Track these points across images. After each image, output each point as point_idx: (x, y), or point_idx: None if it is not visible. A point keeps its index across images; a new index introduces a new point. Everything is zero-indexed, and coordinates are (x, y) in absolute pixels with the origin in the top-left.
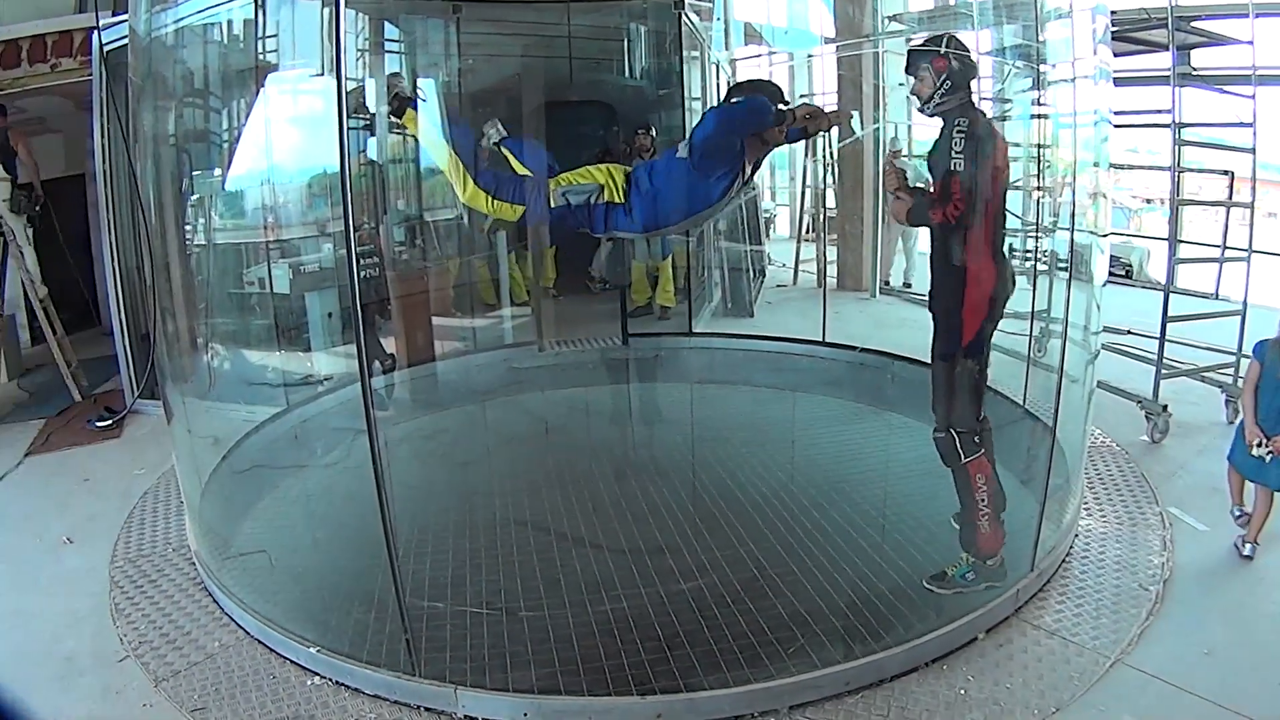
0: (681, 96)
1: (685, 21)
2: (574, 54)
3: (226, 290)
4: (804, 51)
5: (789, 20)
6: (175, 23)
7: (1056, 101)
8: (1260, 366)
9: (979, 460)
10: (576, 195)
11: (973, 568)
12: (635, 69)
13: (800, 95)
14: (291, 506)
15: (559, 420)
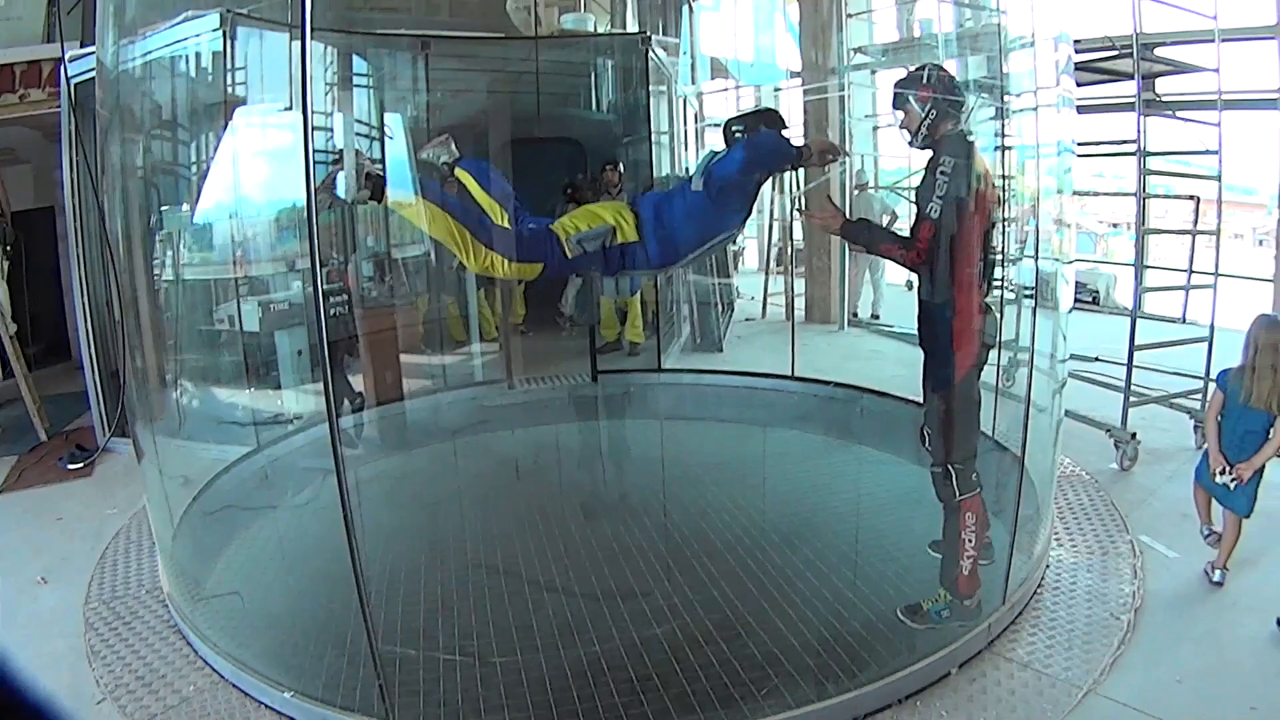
0: (648, 131)
1: (652, 57)
2: (541, 89)
3: (196, 327)
4: (770, 85)
5: (755, 54)
6: (143, 55)
7: (1021, 131)
8: (1223, 395)
9: (974, 499)
10: (592, 241)
11: (949, 605)
12: (602, 104)
13: None
14: (263, 548)
15: (529, 459)
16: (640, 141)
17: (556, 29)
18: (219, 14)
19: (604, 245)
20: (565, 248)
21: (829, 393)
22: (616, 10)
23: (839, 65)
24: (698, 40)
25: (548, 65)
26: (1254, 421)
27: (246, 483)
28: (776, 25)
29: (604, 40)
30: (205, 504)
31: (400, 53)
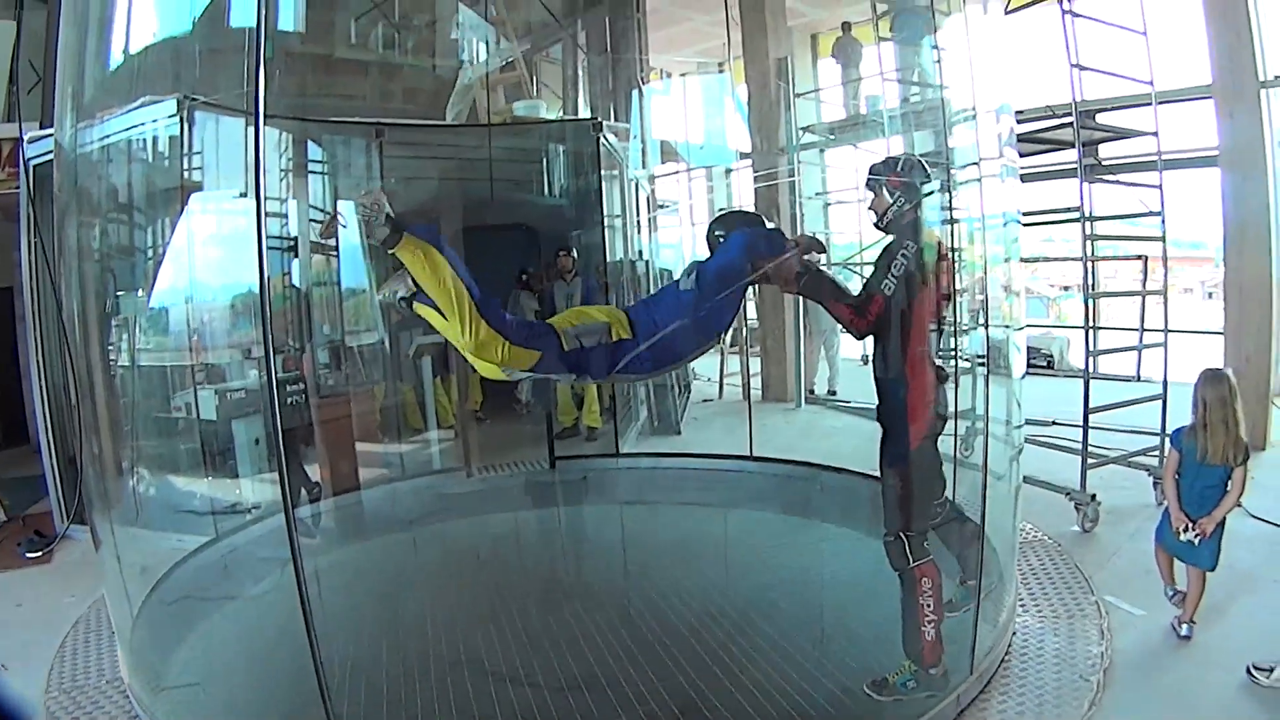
0: (601, 216)
1: (603, 142)
2: (494, 176)
3: (152, 414)
4: (721, 167)
5: (705, 137)
6: (101, 139)
7: (967, 204)
8: (1179, 454)
9: (927, 565)
10: (589, 336)
11: (914, 675)
12: (555, 189)
13: (719, 208)
14: (223, 638)
15: (488, 547)
16: (593, 226)
17: (509, 116)
18: (176, 99)
19: (599, 342)
20: (563, 339)
21: (787, 471)
22: (568, 96)
23: (788, 145)
24: (648, 124)
25: (500, 152)
26: (1211, 476)
27: (205, 572)
28: (726, 107)
29: (556, 126)
30: (164, 594)
31: (354, 139)
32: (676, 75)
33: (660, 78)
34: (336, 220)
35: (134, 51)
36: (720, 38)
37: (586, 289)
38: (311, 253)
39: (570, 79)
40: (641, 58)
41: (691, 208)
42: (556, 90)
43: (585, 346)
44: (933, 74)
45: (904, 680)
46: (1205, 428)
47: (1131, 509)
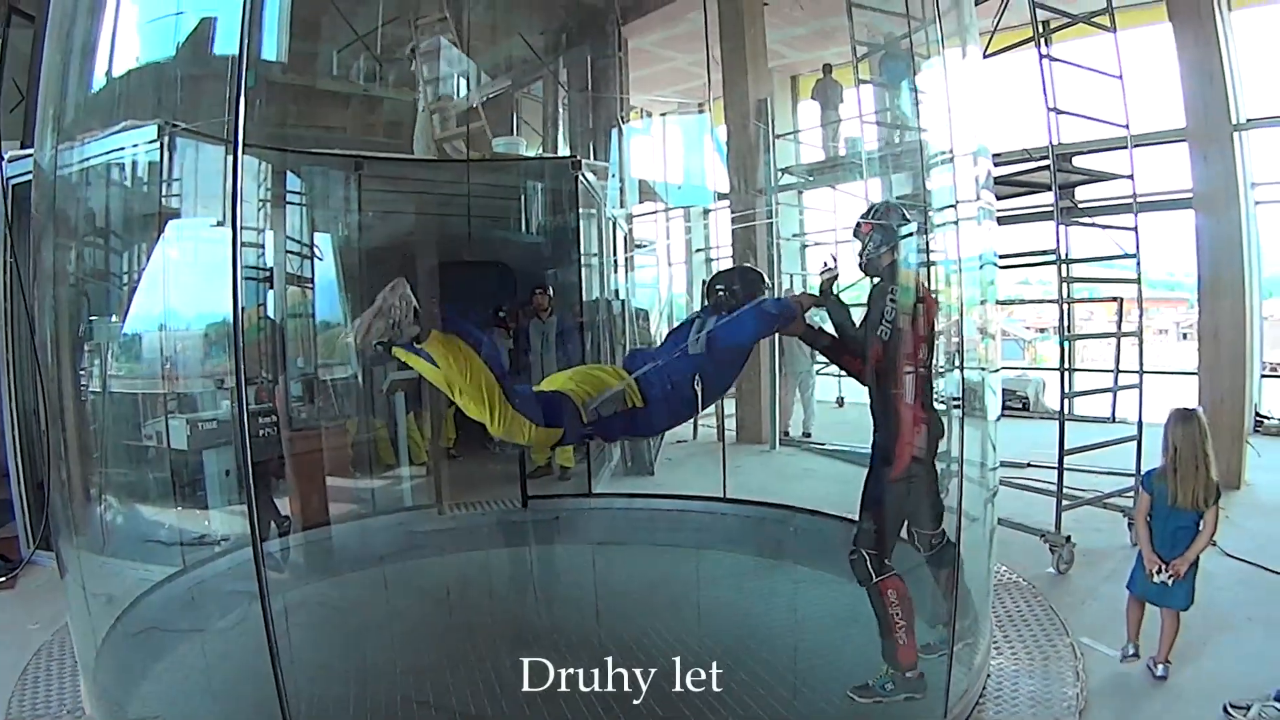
0: (578, 254)
1: (582, 180)
2: (472, 212)
3: (123, 441)
4: (700, 207)
5: (684, 177)
6: (81, 161)
7: (944, 245)
8: (1150, 496)
9: (890, 579)
10: (607, 407)
11: (892, 678)
12: (532, 227)
13: (697, 249)
14: (188, 672)
15: (459, 586)
16: (570, 265)
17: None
18: (157, 125)
19: (616, 411)
20: (582, 412)
21: (761, 513)
22: (547, 134)
23: (767, 186)
24: (627, 163)
25: (478, 188)
26: (1183, 518)
27: (172, 604)
28: (705, 147)
29: (534, 164)
30: (129, 624)
31: (333, 171)
32: (656, 115)
33: (640, 117)
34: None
35: (117, 75)
36: (701, 78)
37: (562, 328)
38: (287, 284)
39: (550, 116)
40: (622, 96)
41: (669, 248)
42: (536, 127)
43: (603, 416)
44: (912, 117)
45: (883, 683)
46: (1175, 470)
47: (1107, 550)
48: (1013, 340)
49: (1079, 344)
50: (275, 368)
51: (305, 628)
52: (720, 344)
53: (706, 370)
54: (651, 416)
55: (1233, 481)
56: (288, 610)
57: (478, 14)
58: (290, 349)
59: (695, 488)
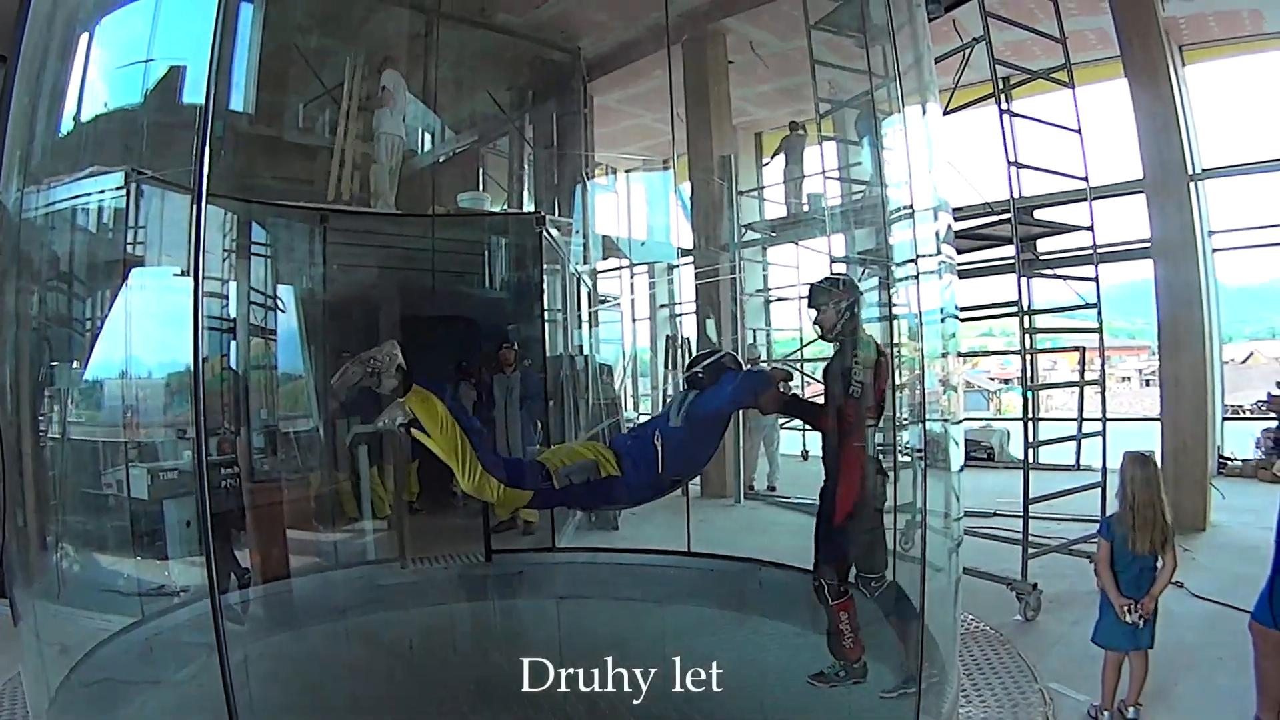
0: (541, 309)
1: (546, 236)
2: (436, 267)
3: (82, 489)
4: (663, 263)
5: (648, 233)
6: (46, 205)
7: (907, 299)
8: (1110, 543)
9: (844, 602)
10: (579, 474)
11: (843, 667)
12: (496, 282)
13: (660, 305)
14: None
15: (421, 641)
16: (533, 319)
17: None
18: (124, 172)
19: (589, 479)
20: (554, 479)
21: (725, 567)
22: (512, 190)
23: (730, 242)
24: (591, 219)
25: (443, 243)
26: (1145, 560)
27: (128, 655)
28: (669, 203)
29: (499, 219)
30: (84, 675)
31: (298, 224)
32: (621, 171)
33: (605, 173)
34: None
35: (85, 119)
36: (665, 135)
37: (526, 383)
38: (250, 335)
39: (515, 172)
40: (587, 153)
41: (633, 303)
42: (501, 182)
43: (575, 483)
44: (874, 172)
45: (835, 670)
46: (1133, 514)
47: (1073, 596)
48: (977, 391)
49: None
50: (237, 418)
51: (265, 680)
52: (700, 412)
53: (685, 440)
54: (628, 486)
55: (1198, 523)
56: (247, 662)
57: (444, 70)
58: (253, 400)
59: (659, 541)
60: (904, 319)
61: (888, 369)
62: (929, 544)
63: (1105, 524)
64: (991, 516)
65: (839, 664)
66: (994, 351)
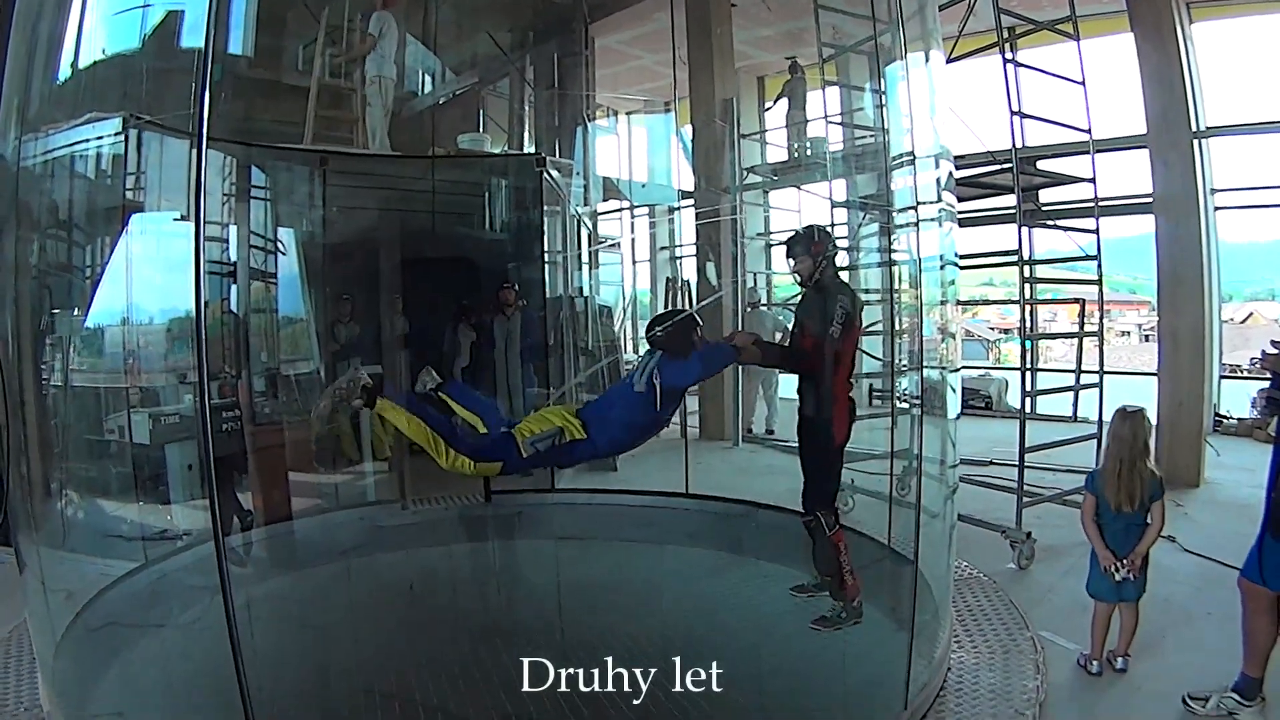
0: (542, 251)
1: (546, 177)
2: (436, 208)
3: (84, 436)
4: (664, 206)
5: (649, 175)
6: (45, 153)
7: (908, 245)
8: (1094, 497)
9: (839, 532)
10: (544, 442)
11: (844, 609)
12: (496, 224)
13: (661, 247)
14: (149, 668)
15: (422, 581)
16: (533, 261)
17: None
18: (122, 118)
19: (554, 444)
20: (521, 449)
21: (723, 509)
22: (513, 131)
23: (731, 185)
24: (592, 161)
25: (443, 184)
26: (1133, 514)
27: (133, 599)
28: (670, 146)
29: (499, 160)
30: (89, 620)
31: (298, 166)
32: (622, 113)
33: (606, 115)
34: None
35: (82, 66)
36: (667, 77)
37: (526, 324)
38: (250, 279)
39: (516, 113)
40: (588, 94)
41: (633, 245)
42: (502, 124)
43: (541, 450)
44: (876, 118)
45: (837, 613)
46: (1118, 474)
47: (1066, 546)
48: (977, 341)
49: (1042, 345)
50: (238, 362)
51: (267, 622)
52: (665, 384)
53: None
54: (594, 448)
55: (1192, 479)
56: (250, 604)
57: (444, 11)
58: (253, 344)
59: (658, 484)
60: (904, 265)
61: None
62: (925, 490)
63: (1090, 477)
64: (988, 465)
65: (840, 606)
66: (993, 301)
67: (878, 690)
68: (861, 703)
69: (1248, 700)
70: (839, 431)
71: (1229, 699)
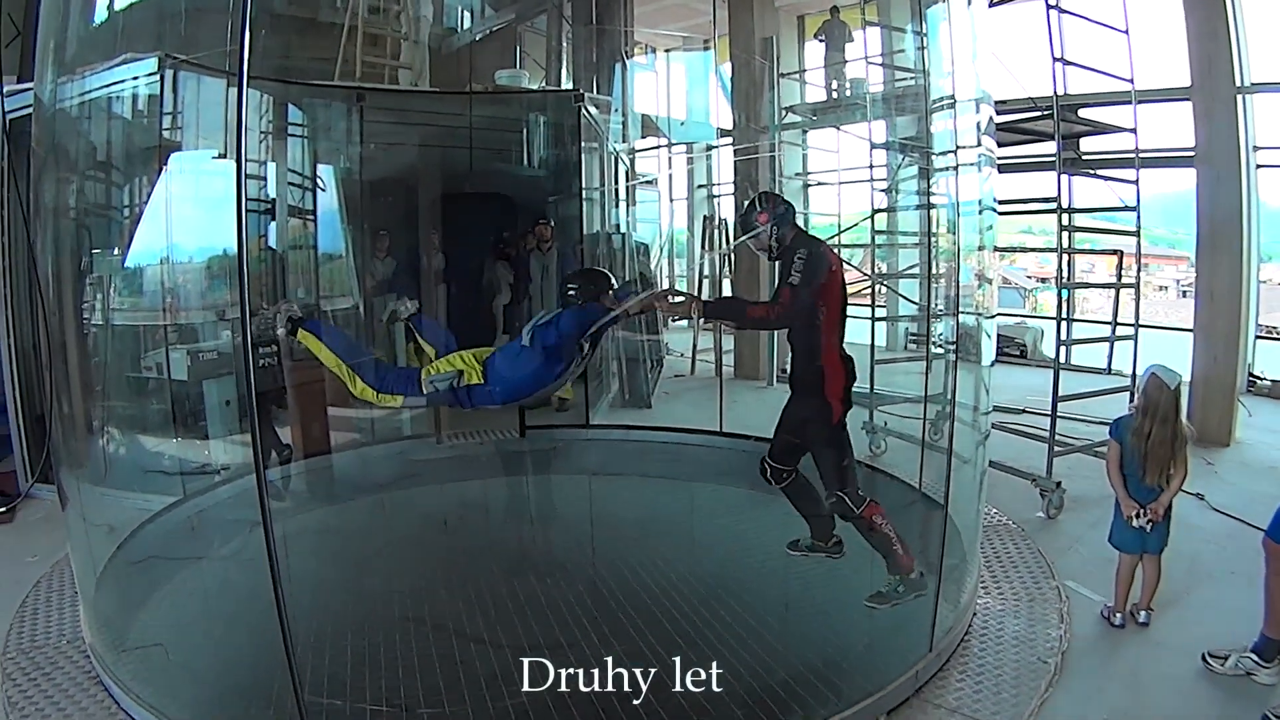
0: (579, 188)
1: (585, 114)
2: (474, 145)
3: (124, 373)
4: (702, 144)
5: (687, 113)
6: (80, 95)
7: (946, 189)
8: (1120, 445)
9: (870, 506)
10: (442, 382)
11: (902, 582)
12: (534, 160)
13: (699, 185)
14: (188, 599)
15: (456, 514)
16: (571, 198)
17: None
18: (157, 58)
19: (453, 386)
20: (422, 385)
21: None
22: (551, 68)
23: (770, 124)
24: (631, 98)
25: (481, 120)
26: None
27: (172, 533)
28: (709, 84)
29: (537, 97)
30: (130, 553)
31: (335, 104)
32: (661, 50)
33: (645, 52)
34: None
35: (118, 7)
36: (706, 14)
37: (562, 260)
38: (288, 216)
39: (554, 50)
40: (627, 30)
41: (671, 183)
42: (540, 60)
43: (439, 390)
44: (917, 60)
45: (895, 587)
46: (1147, 438)
47: (1095, 498)
48: (1013, 288)
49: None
50: (277, 299)
51: (305, 554)
52: (538, 340)
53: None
54: (488, 394)
55: (1223, 439)
56: (287, 537)
57: None
58: (291, 280)
59: (691, 421)
60: (942, 209)
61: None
62: (957, 435)
63: (1116, 425)
64: (1020, 413)
65: (897, 580)
66: (1031, 248)
67: (904, 632)
68: (887, 643)
69: (1266, 662)
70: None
71: (1247, 659)
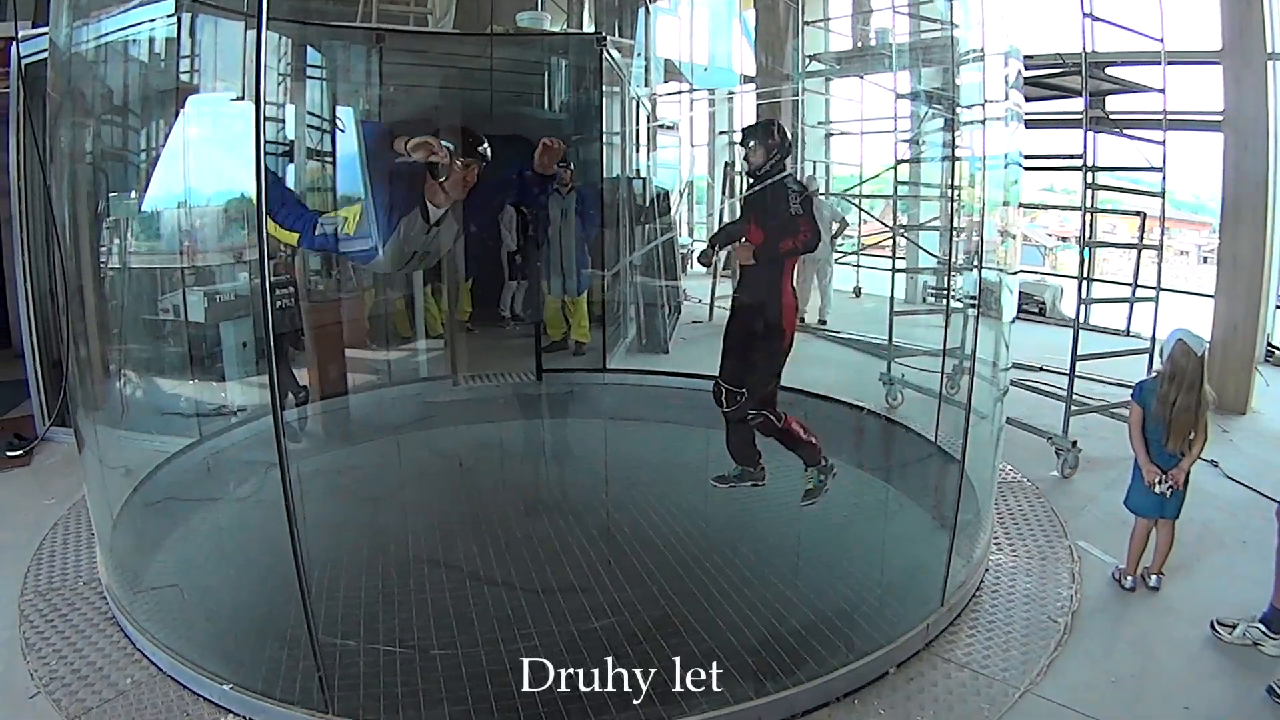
0: (600, 131)
1: (606, 57)
2: (494, 87)
3: (140, 316)
4: (724, 90)
5: (710, 59)
6: (96, 38)
7: (971, 143)
8: (1142, 409)
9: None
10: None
11: (821, 472)
12: (555, 103)
13: (720, 131)
14: (204, 540)
15: (472, 456)
16: (592, 141)
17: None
18: (174, 0)
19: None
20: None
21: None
22: (573, 10)
23: (794, 72)
24: (653, 42)
25: (501, 63)
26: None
27: (188, 474)
28: (733, 30)
29: (559, 39)
30: (146, 495)
31: (354, 45)
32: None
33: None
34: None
35: None
36: None
37: (582, 203)
38: (307, 158)
39: None
40: None
41: (692, 128)
42: (561, 3)
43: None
44: (945, 11)
45: (817, 478)
46: (1172, 404)
47: (1111, 459)
48: (1034, 246)
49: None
50: None
51: (321, 495)
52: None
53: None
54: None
55: (1239, 407)
56: (303, 479)
57: None
58: None
59: (708, 367)
60: (967, 162)
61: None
62: (975, 391)
63: (1139, 388)
64: (1038, 371)
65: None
66: (1055, 206)
67: (916, 584)
68: (900, 595)
69: (1274, 632)
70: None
71: (1255, 629)
